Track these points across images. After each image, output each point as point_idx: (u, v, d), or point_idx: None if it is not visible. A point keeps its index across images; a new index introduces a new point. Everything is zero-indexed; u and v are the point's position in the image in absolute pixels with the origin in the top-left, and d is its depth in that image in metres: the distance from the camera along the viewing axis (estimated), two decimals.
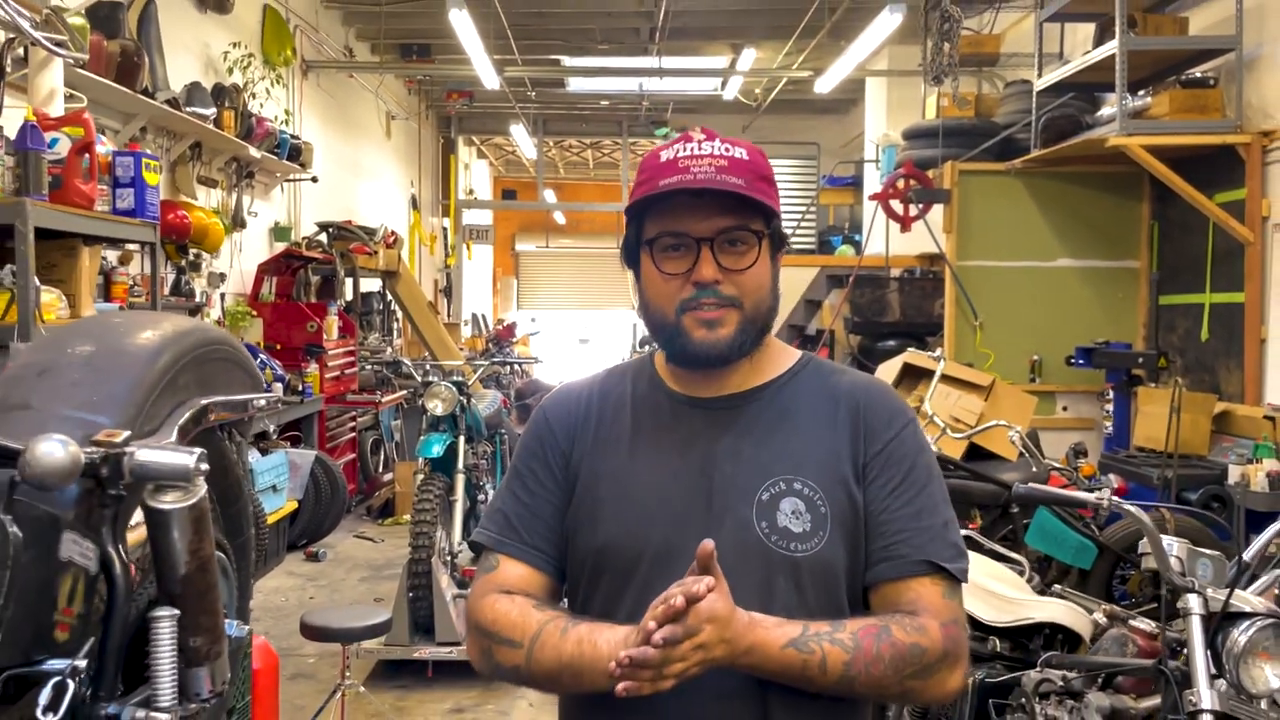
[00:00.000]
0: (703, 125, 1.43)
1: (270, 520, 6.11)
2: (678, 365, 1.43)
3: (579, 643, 1.28)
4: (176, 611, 1.39)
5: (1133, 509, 2.38)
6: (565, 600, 1.46)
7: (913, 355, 6.02)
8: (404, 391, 8.79)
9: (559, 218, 20.44)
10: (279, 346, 7.47)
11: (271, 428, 6.23)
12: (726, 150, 1.36)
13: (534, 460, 1.46)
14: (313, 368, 7.36)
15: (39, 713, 1.19)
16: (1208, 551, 2.36)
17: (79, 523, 1.31)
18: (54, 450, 1.19)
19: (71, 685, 1.23)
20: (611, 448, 1.43)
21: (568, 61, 11.92)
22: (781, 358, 1.47)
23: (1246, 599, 2.23)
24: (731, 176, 1.33)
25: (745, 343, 1.37)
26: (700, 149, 1.36)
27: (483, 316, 17.11)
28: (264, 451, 6.25)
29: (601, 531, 1.38)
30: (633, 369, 1.52)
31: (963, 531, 3.86)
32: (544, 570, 1.42)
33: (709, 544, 1.20)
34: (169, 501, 1.39)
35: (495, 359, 9.38)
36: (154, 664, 1.37)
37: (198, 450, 1.40)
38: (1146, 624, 2.67)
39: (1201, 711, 2.14)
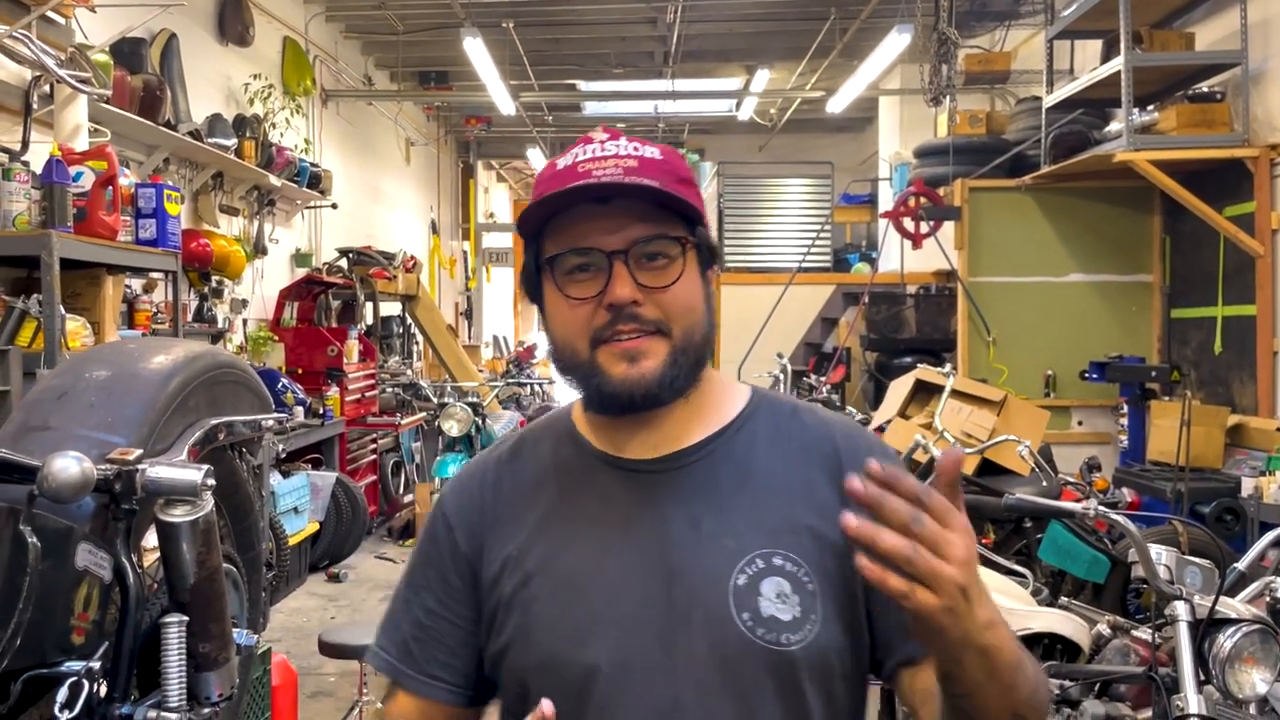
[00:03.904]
0: (603, 125, 1.21)
1: (292, 542, 6.21)
2: (598, 411, 1.16)
3: None
4: (185, 618, 1.48)
5: (1119, 519, 2.43)
6: None
7: (924, 371, 6.06)
8: (423, 414, 8.90)
9: None
10: (300, 370, 7.60)
11: (281, 448, 6.31)
12: (636, 150, 1.13)
13: (429, 568, 1.20)
14: (334, 391, 7.48)
15: (56, 711, 1.28)
16: (1197, 560, 2.40)
17: (94, 534, 1.40)
18: (69, 466, 1.28)
19: (87, 686, 1.31)
20: (534, 537, 1.15)
21: (583, 86, 12.08)
22: (726, 397, 1.20)
23: (1233, 605, 2.27)
24: (643, 178, 1.09)
25: (678, 377, 1.10)
26: (604, 149, 1.12)
27: (504, 339, 17.25)
28: (286, 474, 6.36)
29: (535, 646, 1.11)
30: (549, 429, 1.24)
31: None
32: (449, 702, 1.19)
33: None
34: (178, 515, 1.47)
35: (512, 380, 9.47)
36: (164, 668, 1.46)
37: (205, 467, 1.49)
38: (1148, 634, 2.70)
39: (1189, 716, 2.17)
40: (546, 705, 0.98)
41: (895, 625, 1.08)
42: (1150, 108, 6.26)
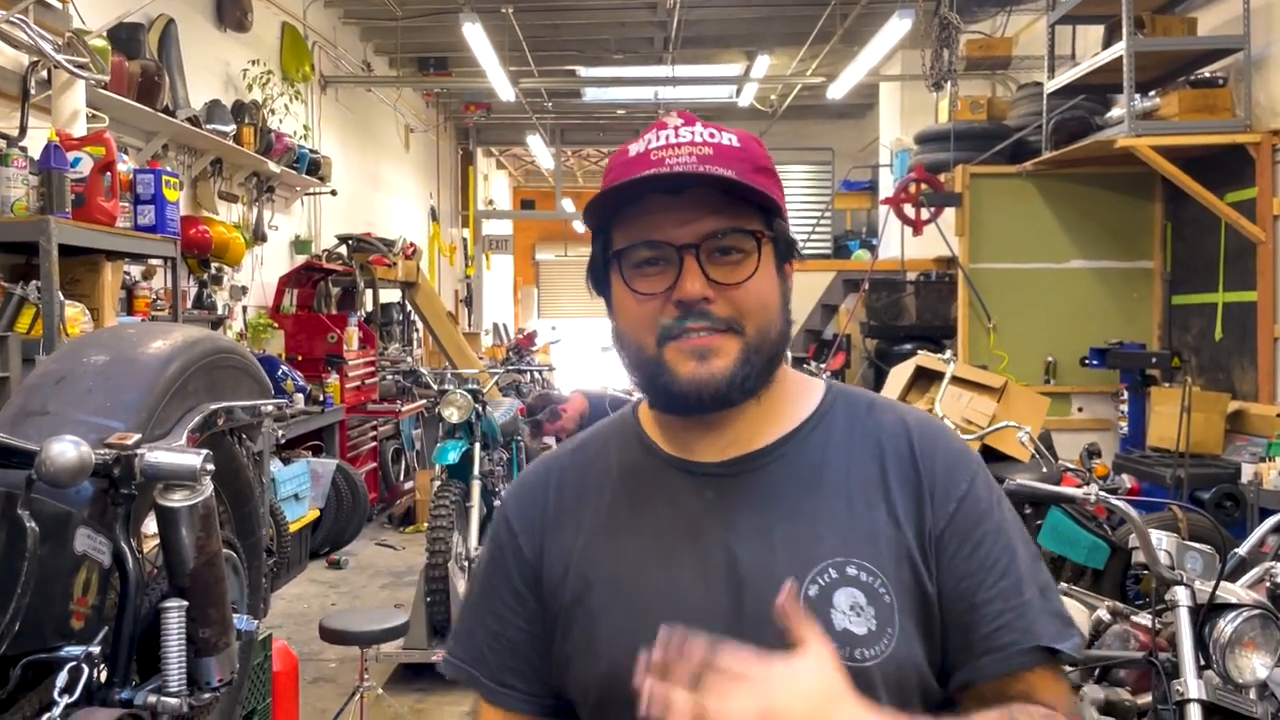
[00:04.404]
0: (679, 110, 1.13)
1: (293, 528, 6.22)
2: (664, 411, 1.11)
3: None
4: (184, 603, 1.48)
5: (1119, 504, 2.42)
6: None
7: (925, 358, 6.06)
8: (423, 401, 8.90)
9: (578, 227, 20.55)
10: (300, 358, 7.59)
11: (280, 434, 6.31)
12: (712, 136, 1.06)
13: (496, 575, 1.16)
14: (334, 378, 7.48)
15: (55, 695, 1.28)
16: (1197, 545, 2.40)
17: (93, 519, 1.40)
18: (66, 451, 1.28)
19: (86, 670, 1.31)
20: (597, 540, 1.11)
21: (583, 72, 12.04)
22: (801, 395, 1.14)
23: (1233, 591, 2.27)
24: (719, 167, 1.03)
25: (750, 377, 1.05)
26: (678, 136, 1.06)
27: (504, 326, 17.25)
28: (286, 461, 6.37)
29: (603, 656, 1.06)
30: (615, 430, 1.19)
31: None
32: (526, 711, 1.14)
33: (789, 589, 0.92)
34: (177, 500, 1.47)
35: (511, 366, 9.48)
36: (164, 653, 1.46)
37: (204, 452, 1.48)
38: (1147, 620, 2.70)
39: (1189, 701, 2.17)
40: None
41: (961, 648, 1.04)
42: (1152, 93, 6.24)
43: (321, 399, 7.21)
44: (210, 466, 1.48)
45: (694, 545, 1.06)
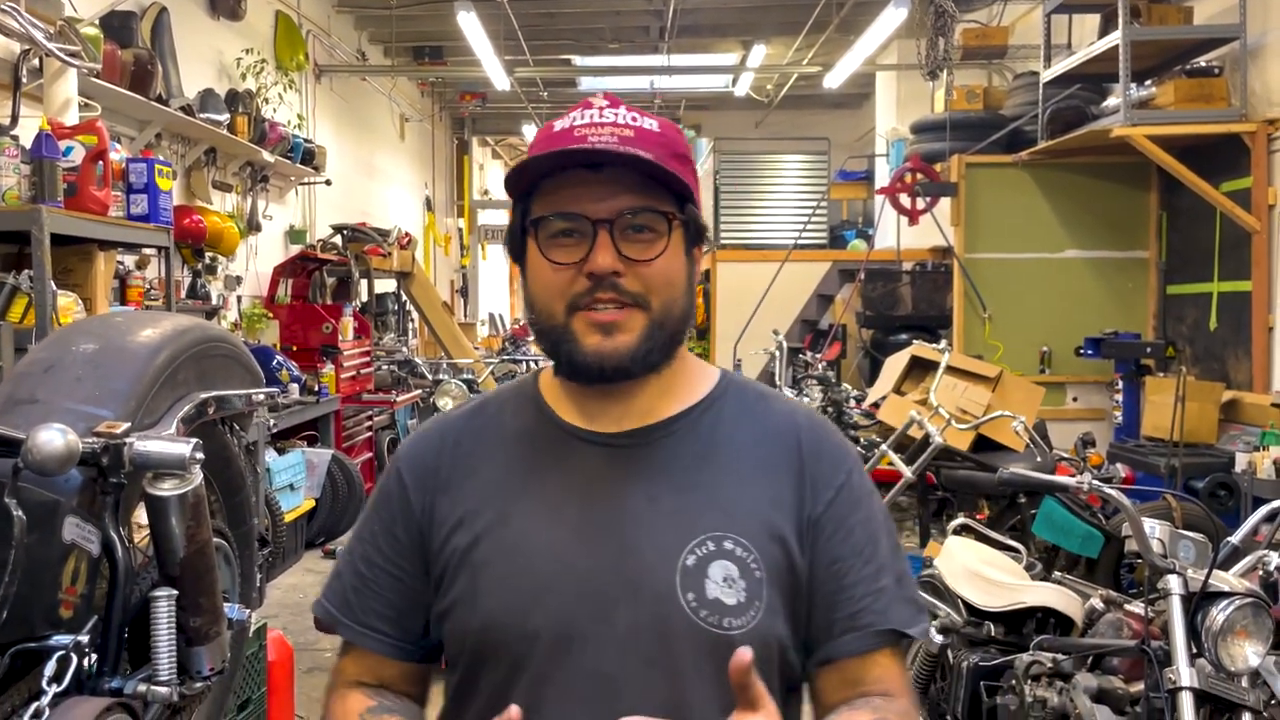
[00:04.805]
0: (604, 92, 1.18)
1: (288, 518, 6.21)
2: (568, 378, 1.16)
3: None
4: (174, 592, 1.47)
5: (1112, 493, 2.43)
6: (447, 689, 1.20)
7: (920, 348, 6.07)
8: (419, 391, 8.89)
9: None
10: (295, 348, 7.57)
11: (272, 423, 6.28)
12: (634, 120, 1.12)
13: (377, 522, 1.19)
14: (329, 368, 7.46)
15: (44, 684, 1.27)
16: (1190, 534, 2.40)
17: (82, 508, 1.39)
18: (53, 439, 1.27)
19: (75, 659, 1.31)
20: (489, 500, 1.14)
21: (578, 61, 12.01)
22: (698, 377, 1.20)
23: (1226, 579, 2.27)
24: (638, 149, 1.08)
25: (651, 352, 1.10)
26: (602, 116, 1.11)
27: (499, 316, 17.22)
28: (281, 451, 6.35)
29: (482, 608, 1.10)
30: (513, 395, 1.23)
31: (966, 521, 3.93)
32: (392, 656, 1.17)
33: (746, 655, 0.94)
34: (167, 489, 1.47)
35: (507, 357, 9.48)
36: (154, 641, 1.45)
37: (193, 440, 1.48)
38: (1140, 608, 2.71)
39: (1181, 689, 2.18)
40: (514, 711, 0.97)
41: (823, 625, 1.12)
42: (1148, 82, 6.23)
43: (316, 389, 7.19)
44: (200, 455, 1.47)
45: (582, 509, 1.11)
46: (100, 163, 4.14)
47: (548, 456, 1.15)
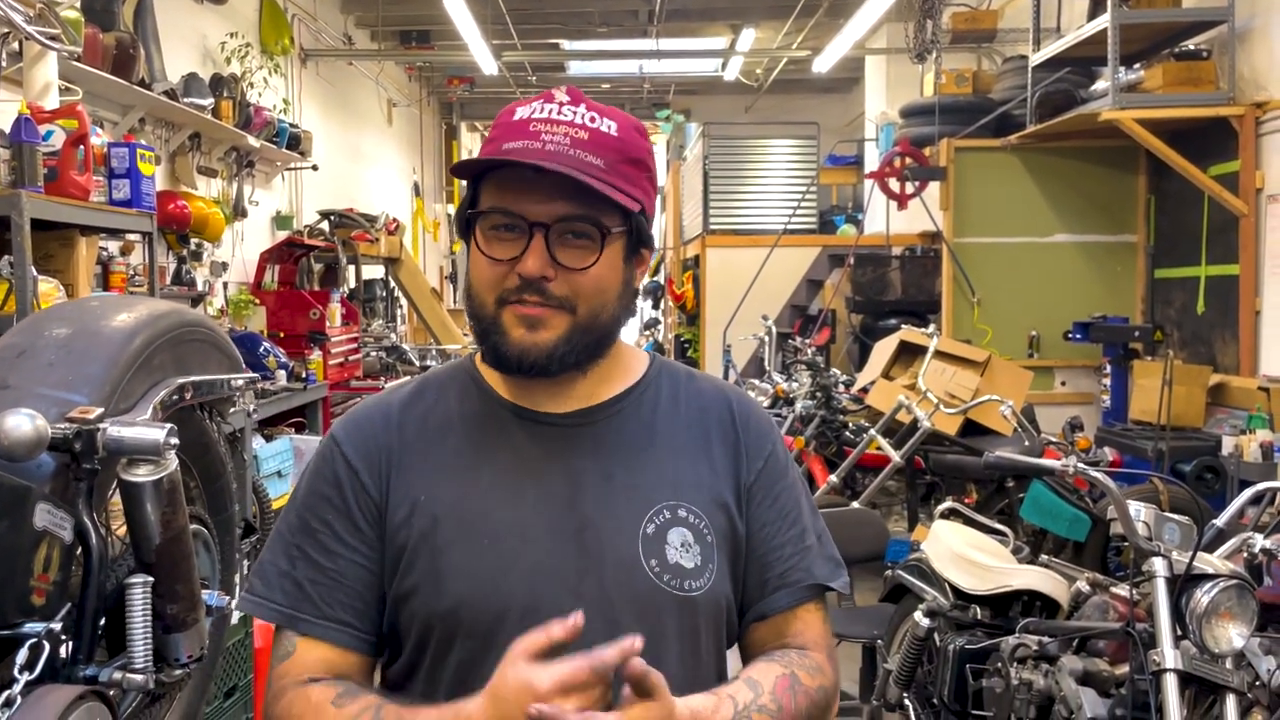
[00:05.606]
0: (569, 86, 1.17)
1: (275, 505, 6.18)
2: (492, 367, 1.18)
3: None
4: (150, 579, 1.46)
5: (1098, 476, 2.42)
6: (388, 675, 1.20)
7: (909, 333, 6.07)
8: (407, 377, 8.85)
9: None
10: (282, 334, 7.53)
11: (253, 408, 6.23)
12: (592, 120, 1.12)
13: (329, 509, 1.16)
14: (316, 355, 7.42)
15: (16, 672, 1.25)
16: (1175, 516, 2.40)
17: (54, 494, 1.37)
18: (21, 424, 1.25)
19: (48, 647, 1.29)
20: (443, 482, 1.15)
21: (567, 45, 11.93)
22: (632, 362, 1.26)
23: (1210, 561, 2.27)
24: (589, 154, 1.10)
25: (569, 354, 1.13)
26: (559, 113, 1.12)
27: None
28: (269, 438, 6.32)
29: (449, 589, 1.11)
30: (452, 378, 1.25)
31: (953, 505, 3.93)
32: (355, 649, 1.15)
33: (637, 644, 0.98)
34: (141, 474, 1.45)
35: None
36: (129, 629, 1.44)
37: (168, 425, 1.46)
38: (1126, 591, 2.71)
39: (1165, 671, 2.18)
40: (636, 642, 0.99)
41: (756, 584, 1.22)
42: (1136, 66, 6.22)
43: (304, 375, 7.15)
44: (174, 440, 1.45)
45: (538, 487, 1.15)
46: (81, 147, 4.09)
47: (498, 437, 1.17)
